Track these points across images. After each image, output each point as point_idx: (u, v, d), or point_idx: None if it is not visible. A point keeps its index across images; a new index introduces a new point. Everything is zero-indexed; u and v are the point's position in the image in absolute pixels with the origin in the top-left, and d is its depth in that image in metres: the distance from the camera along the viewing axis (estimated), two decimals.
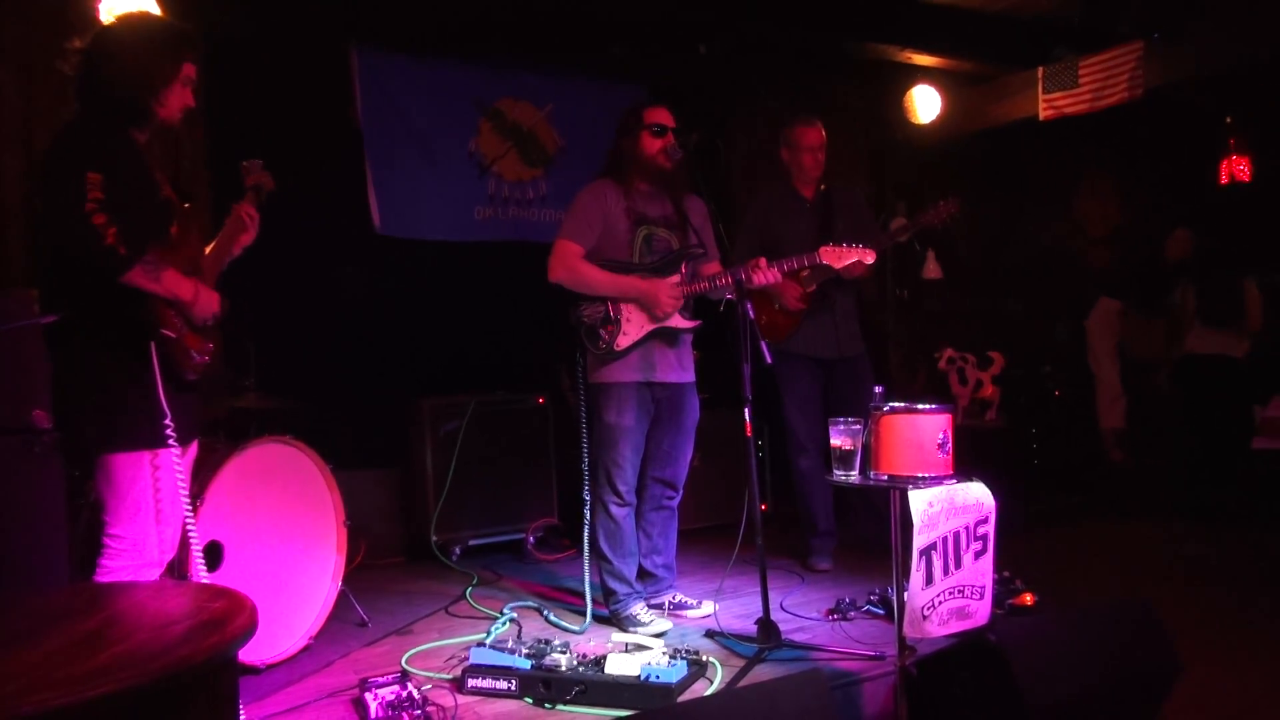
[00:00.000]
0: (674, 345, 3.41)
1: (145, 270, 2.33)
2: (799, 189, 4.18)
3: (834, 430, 2.76)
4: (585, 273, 3.30)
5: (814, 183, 4.17)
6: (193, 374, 2.50)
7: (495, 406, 4.71)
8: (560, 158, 5.37)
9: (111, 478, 2.39)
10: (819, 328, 4.12)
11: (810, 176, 4.14)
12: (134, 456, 2.39)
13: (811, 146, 4.10)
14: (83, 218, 2.21)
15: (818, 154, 4.11)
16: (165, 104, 2.47)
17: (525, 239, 5.21)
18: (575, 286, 3.32)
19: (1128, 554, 4.44)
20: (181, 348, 2.45)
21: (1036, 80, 5.45)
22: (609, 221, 3.33)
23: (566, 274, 3.31)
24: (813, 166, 4.11)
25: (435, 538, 4.48)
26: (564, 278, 3.31)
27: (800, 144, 4.12)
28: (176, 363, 2.44)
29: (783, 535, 4.74)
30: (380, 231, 4.79)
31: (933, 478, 2.57)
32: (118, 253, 2.26)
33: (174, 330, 2.42)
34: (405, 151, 4.88)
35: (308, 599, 3.27)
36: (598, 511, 3.40)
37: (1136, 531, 4.91)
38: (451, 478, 4.51)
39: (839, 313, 4.12)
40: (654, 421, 3.43)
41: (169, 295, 2.39)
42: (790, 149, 4.16)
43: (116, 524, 2.40)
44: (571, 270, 3.30)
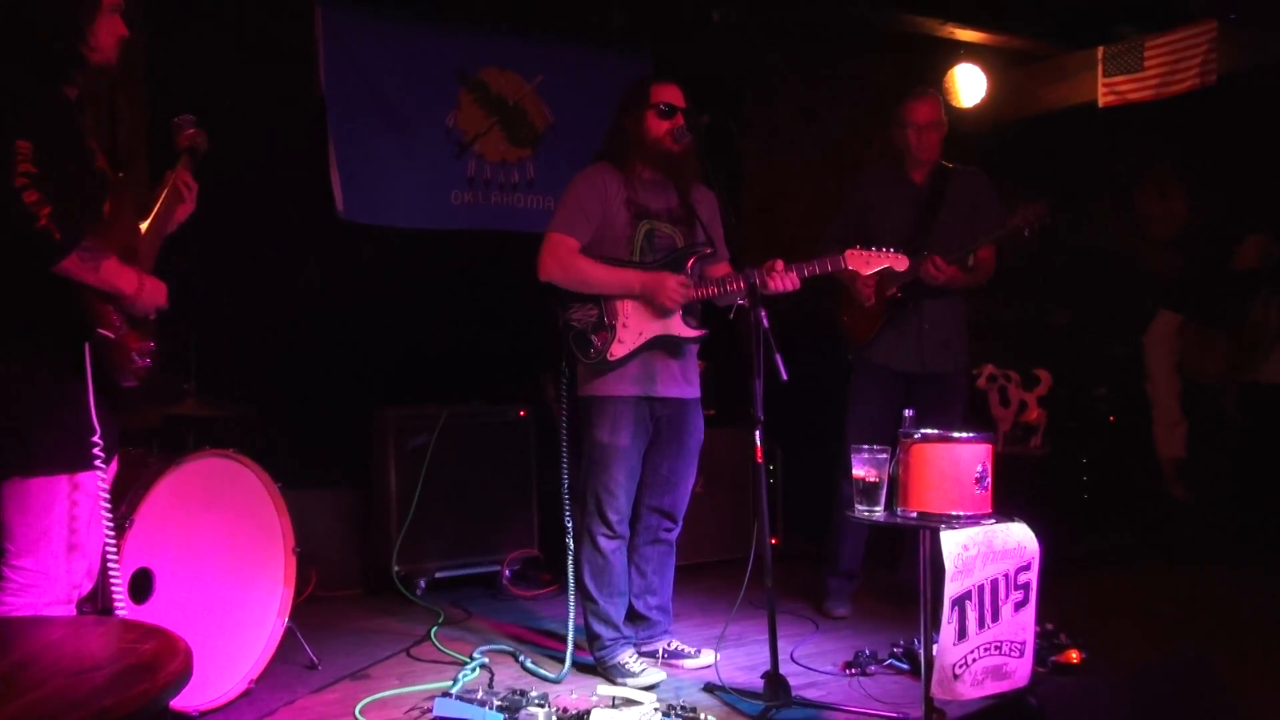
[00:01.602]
0: (677, 356, 3.40)
1: (82, 258, 2.24)
2: (908, 171, 4.19)
3: (856, 458, 2.76)
4: (582, 269, 3.29)
5: (925, 165, 4.17)
6: (132, 379, 2.44)
7: (470, 419, 4.70)
8: (550, 137, 5.37)
9: (23, 504, 2.32)
10: (900, 336, 4.11)
11: (918, 159, 4.14)
12: (50, 481, 2.33)
13: (917, 123, 4.09)
14: (12, 195, 2.14)
15: (925, 133, 4.10)
16: (95, 42, 2.37)
17: (508, 228, 5.21)
18: (571, 285, 3.30)
19: (1189, 604, 4.43)
20: (121, 349, 2.38)
21: (1096, 61, 5.46)
22: (607, 213, 3.33)
23: (560, 272, 3.29)
24: (919, 147, 4.11)
25: (397, 568, 4.47)
26: (557, 276, 3.30)
27: (906, 119, 4.11)
28: (114, 367, 2.37)
29: (796, 574, 4.73)
30: (343, 216, 4.79)
31: (969, 516, 2.57)
32: (52, 237, 2.17)
33: (113, 329, 2.35)
34: (374, 126, 4.88)
35: (249, 636, 3.25)
36: (584, 544, 3.39)
37: (1199, 578, 4.90)
38: (418, 500, 4.50)
39: (929, 320, 4.10)
40: (652, 442, 3.42)
41: (108, 288, 2.32)
42: (897, 126, 4.17)
43: (21, 554, 2.33)
44: (566, 267, 3.29)
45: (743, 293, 3.19)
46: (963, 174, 4.21)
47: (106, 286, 2.33)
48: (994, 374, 5.73)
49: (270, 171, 4.57)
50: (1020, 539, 2.62)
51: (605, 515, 3.34)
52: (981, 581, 2.54)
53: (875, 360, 4.15)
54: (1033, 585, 2.63)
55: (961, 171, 4.21)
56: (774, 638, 3.01)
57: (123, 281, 2.36)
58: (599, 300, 3.31)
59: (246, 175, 4.48)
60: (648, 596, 3.54)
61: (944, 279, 3.92)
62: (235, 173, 4.47)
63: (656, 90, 3.35)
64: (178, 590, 3.04)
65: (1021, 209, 3.87)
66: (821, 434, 4.63)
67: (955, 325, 4.18)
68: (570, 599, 3.53)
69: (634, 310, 3.32)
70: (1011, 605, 2.61)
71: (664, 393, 3.37)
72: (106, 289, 2.33)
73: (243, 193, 4.50)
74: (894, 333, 4.11)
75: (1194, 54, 5.09)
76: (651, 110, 3.34)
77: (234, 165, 4.46)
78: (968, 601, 2.52)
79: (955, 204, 4.13)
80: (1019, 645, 2.60)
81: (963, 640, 2.50)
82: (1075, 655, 3.39)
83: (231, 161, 4.47)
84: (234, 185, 4.47)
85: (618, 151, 3.39)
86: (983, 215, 4.10)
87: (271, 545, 3.34)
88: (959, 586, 2.49)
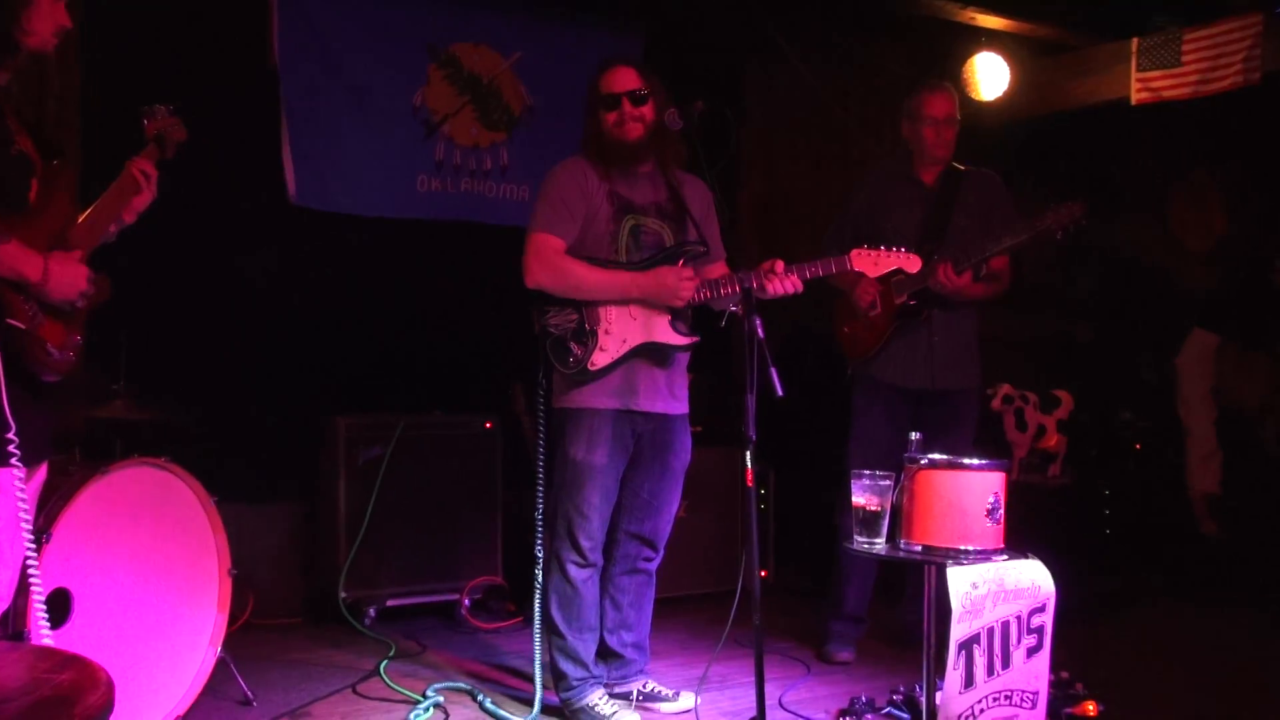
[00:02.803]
0: (664, 366, 3.40)
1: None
2: (917, 170, 4.22)
3: (856, 484, 2.76)
4: (574, 273, 3.29)
5: (937, 164, 4.20)
6: (52, 374, 2.47)
7: (430, 430, 4.70)
8: (528, 120, 5.38)
9: None
10: (908, 349, 4.12)
11: (931, 156, 4.17)
12: None
13: (934, 118, 4.11)
14: None
15: (942, 128, 4.12)
16: (31, 27, 2.43)
17: (478, 220, 5.22)
18: (561, 291, 3.30)
19: (1218, 652, 4.46)
20: (35, 341, 2.42)
21: (1129, 54, 5.50)
22: (589, 208, 3.33)
23: (549, 277, 3.29)
24: (934, 143, 4.13)
25: (345, 594, 4.45)
26: (546, 282, 3.29)
27: (921, 113, 4.13)
28: (30, 360, 2.40)
29: (787, 611, 4.73)
30: (295, 202, 4.78)
31: (979, 552, 2.58)
32: None
33: (24, 320, 2.39)
34: (332, 103, 4.87)
35: (177, 667, 3.24)
36: (552, 571, 3.39)
37: (1230, 623, 4.92)
38: (369, 519, 4.48)
39: (939, 332, 4.11)
40: (632, 461, 3.42)
41: (9, 274, 2.36)
42: (910, 120, 4.19)
43: None
44: (555, 271, 3.29)
45: (737, 297, 3.20)
46: (976, 176, 4.23)
47: (7, 273, 2.36)
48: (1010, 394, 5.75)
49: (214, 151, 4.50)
50: (1035, 578, 2.62)
51: (576, 540, 3.34)
52: (991, 624, 2.55)
53: (879, 376, 4.17)
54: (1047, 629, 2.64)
55: (975, 173, 4.24)
56: (761, 680, 3.00)
57: (25, 267, 2.39)
58: (579, 304, 3.31)
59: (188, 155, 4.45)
60: (622, 632, 3.53)
61: (951, 289, 3.93)
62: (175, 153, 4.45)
63: (602, 82, 3.38)
64: (99, 614, 3.02)
65: (1054, 208, 3.87)
66: (819, 455, 4.65)
67: (968, 339, 4.20)
68: (536, 633, 3.52)
69: (618, 315, 3.32)
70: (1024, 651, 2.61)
71: (647, 407, 3.37)
72: (8, 275, 2.37)
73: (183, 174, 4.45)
74: (901, 345, 4.12)
75: (1237, 49, 5.13)
76: (599, 106, 3.37)
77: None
78: (975, 645, 2.53)
79: (968, 207, 4.15)
80: (1031, 695, 2.61)
81: (969, 688, 2.50)
82: (1093, 708, 3.40)
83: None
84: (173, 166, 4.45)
85: (593, 146, 3.41)
86: (997, 219, 4.12)
87: (205, 565, 3.32)
88: (966, 629, 2.50)
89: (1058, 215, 3.86)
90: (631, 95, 3.32)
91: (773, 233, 6.01)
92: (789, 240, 5.86)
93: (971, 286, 4.00)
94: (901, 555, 2.69)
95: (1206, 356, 6.20)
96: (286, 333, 4.76)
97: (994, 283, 4.12)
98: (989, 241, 3.98)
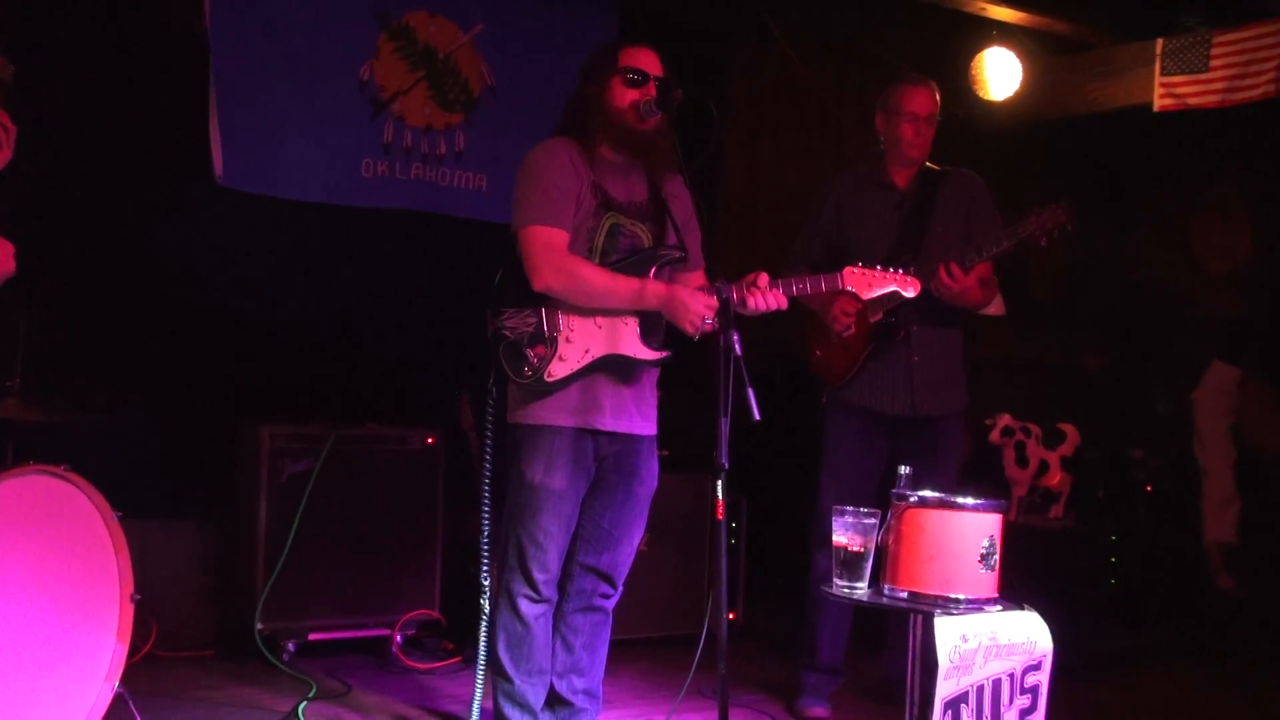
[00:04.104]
0: (630, 382, 3.40)
1: None
2: (889, 172, 4.24)
3: (838, 522, 2.77)
4: (585, 276, 3.25)
5: (912, 166, 4.23)
6: None
7: (365, 444, 4.68)
8: (488, 101, 5.36)
9: None
10: (886, 371, 4.14)
11: (908, 156, 4.19)
12: None
13: (914, 114, 4.13)
14: None
15: (922, 127, 4.15)
16: None
17: (428, 210, 5.19)
18: (572, 296, 3.26)
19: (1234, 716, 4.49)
20: None
21: (1153, 56, 5.55)
22: (580, 196, 3.32)
23: (560, 278, 3.24)
24: (913, 143, 4.15)
25: (261, 625, 4.41)
26: (557, 284, 3.24)
27: (900, 107, 4.15)
28: None
29: (756, 658, 4.73)
30: (221, 183, 4.73)
31: (970, 601, 2.58)
32: None
33: None
34: (267, 73, 4.83)
35: (68, 702, 3.19)
36: (501, 606, 3.37)
37: (1247, 686, 4.96)
38: (293, 541, 4.45)
39: (919, 352, 4.13)
40: (593, 486, 3.41)
41: None
42: (886, 114, 4.21)
43: None
44: (566, 272, 3.24)
45: (714, 311, 3.20)
46: (954, 177, 4.27)
47: None
48: (1010, 426, 5.78)
49: (132, 123, 4.52)
50: (1031, 632, 2.63)
51: (529, 573, 3.32)
52: (981, 681, 2.55)
53: (854, 401, 4.19)
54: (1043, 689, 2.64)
55: (952, 174, 4.27)
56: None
57: None
58: (539, 306, 3.30)
59: (100, 126, 4.42)
60: (573, 676, 3.51)
61: (959, 289, 3.92)
62: (85, 122, 4.41)
63: (626, 54, 3.37)
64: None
65: (1036, 213, 3.90)
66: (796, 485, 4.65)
67: (951, 359, 4.23)
68: (479, 674, 3.49)
69: (580, 322, 3.30)
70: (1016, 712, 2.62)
71: (612, 426, 3.36)
72: None
73: (93, 148, 4.44)
74: (878, 367, 4.14)
75: (1270, 56, 5.19)
76: (618, 77, 3.35)
77: (84, 113, 4.41)
78: (963, 705, 2.53)
79: (947, 212, 4.18)
80: None
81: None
82: None
83: (80, 108, 4.42)
84: (83, 138, 4.42)
85: (580, 124, 3.39)
86: (978, 224, 4.16)
87: (104, 589, 3.28)
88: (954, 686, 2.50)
89: (1040, 220, 3.89)
90: (660, 82, 3.32)
91: (752, 238, 6.02)
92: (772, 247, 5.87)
93: (975, 289, 4.01)
94: (885, 602, 2.69)
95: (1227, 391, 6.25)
96: (207, 329, 4.72)
97: (988, 288, 4.15)
98: (969, 250, 4.00)
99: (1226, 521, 6.16)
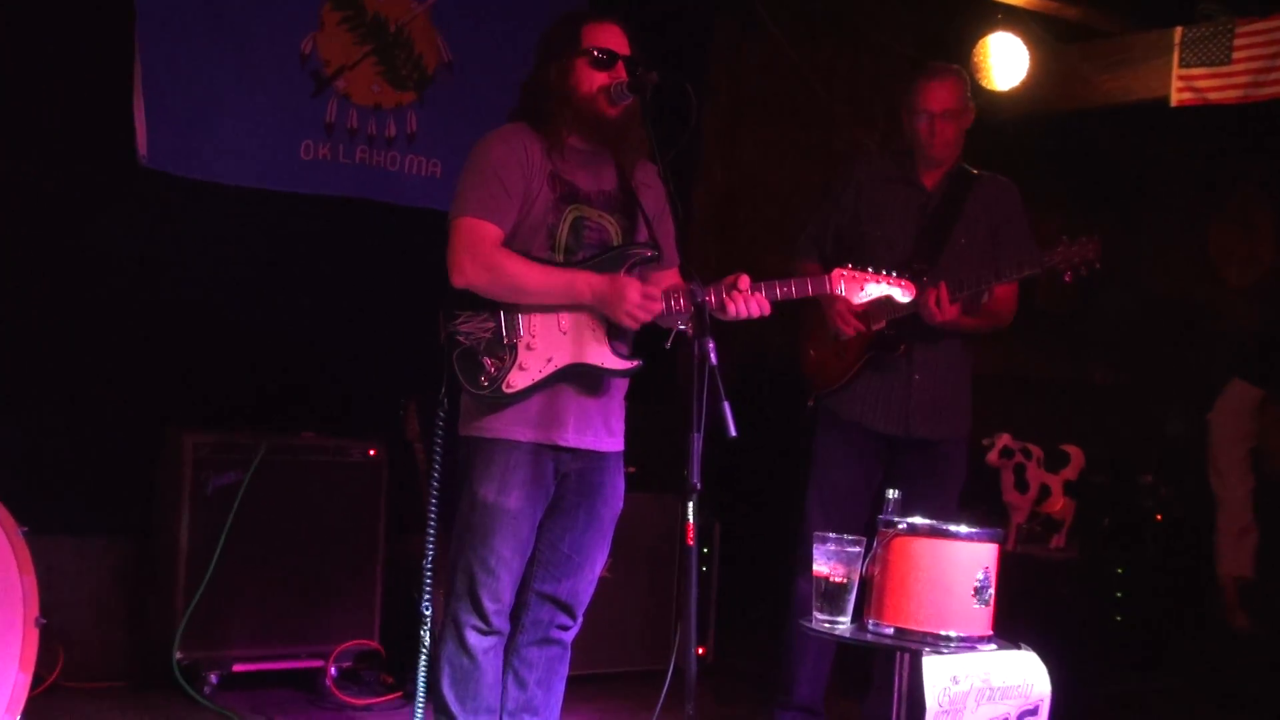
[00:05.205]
0: (596, 393, 3.39)
1: None
2: (918, 171, 4.26)
3: (820, 550, 2.77)
4: (514, 272, 3.24)
5: (940, 167, 4.24)
6: None
7: (300, 455, 4.67)
8: (444, 79, 5.36)
9: None
10: (883, 387, 4.16)
11: (931, 157, 4.21)
12: None
13: (929, 111, 4.15)
14: None
15: (940, 124, 4.15)
16: None
17: (376, 198, 5.19)
18: (499, 293, 3.25)
19: None
20: None
21: (1171, 46, 5.59)
22: (529, 192, 3.31)
23: (484, 274, 3.23)
24: (930, 142, 4.17)
25: (180, 654, 4.39)
26: (481, 281, 3.24)
27: (917, 104, 4.18)
28: None
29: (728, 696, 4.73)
30: (145, 164, 4.72)
31: (962, 640, 2.59)
32: None
33: None
34: (199, 45, 4.81)
35: None
36: (447, 638, 3.35)
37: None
38: (218, 562, 4.43)
39: (921, 370, 4.15)
40: (553, 506, 3.40)
41: None
42: (906, 111, 4.24)
43: None
44: (492, 268, 3.23)
45: (688, 315, 3.19)
46: (988, 183, 4.28)
47: None
48: (1010, 447, 5.81)
49: (45, 98, 4.50)
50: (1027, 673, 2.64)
51: (479, 602, 3.30)
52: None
53: (844, 413, 4.21)
54: None
55: (988, 180, 4.29)
56: None
57: None
58: (499, 310, 3.28)
59: (7, 100, 4.38)
60: (525, 716, 3.49)
61: (942, 320, 3.95)
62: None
63: (591, 31, 3.36)
64: None
65: (1064, 245, 3.92)
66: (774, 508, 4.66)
67: (956, 382, 4.24)
68: (418, 711, 3.48)
69: (544, 329, 3.29)
70: None
71: (575, 442, 3.34)
72: None
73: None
74: (875, 380, 4.16)
75: None
76: (583, 58, 3.34)
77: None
78: None
79: (972, 221, 4.20)
80: None
81: None
82: None
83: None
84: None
85: (538, 110, 3.38)
86: (1005, 241, 4.18)
87: (5, 612, 3.25)
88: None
89: (1068, 253, 3.91)
90: (629, 62, 3.31)
91: (732, 235, 6.03)
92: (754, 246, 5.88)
93: (963, 320, 4.03)
94: (869, 639, 2.69)
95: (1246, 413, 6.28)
96: (125, 326, 4.70)
97: (992, 316, 4.16)
98: (987, 272, 4.02)
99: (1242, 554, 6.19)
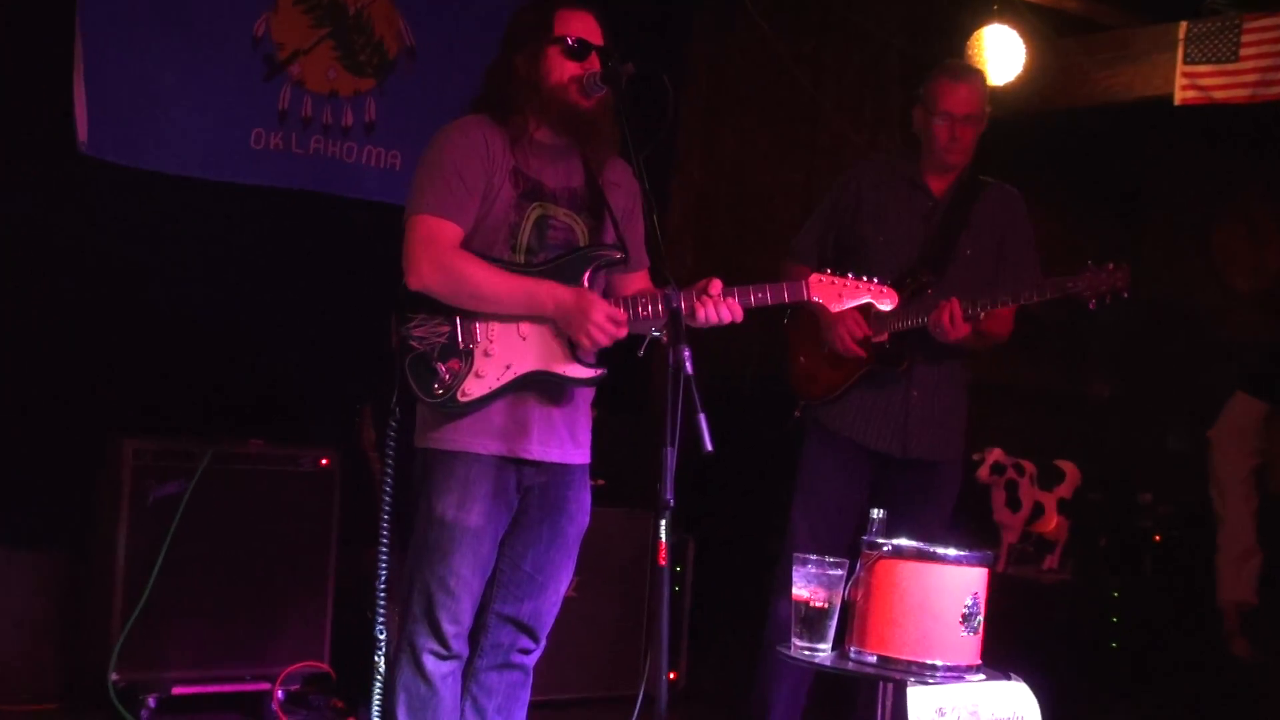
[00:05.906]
0: (560, 403, 3.38)
1: None
2: (925, 174, 4.28)
3: (799, 572, 2.76)
4: (471, 276, 3.23)
5: (951, 172, 4.26)
6: None
7: (247, 464, 4.67)
8: (405, 66, 5.36)
9: None
10: (878, 403, 4.17)
11: (943, 160, 4.22)
12: None
13: (949, 113, 4.16)
14: None
15: (960, 128, 4.17)
16: None
17: (331, 191, 5.19)
18: (456, 298, 3.24)
19: None
20: None
21: (1175, 42, 5.61)
22: (490, 188, 3.31)
23: (440, 277, 3.22)
24: (949, 147, 4.18)
25: (116, 676, 4.37)
26: (436, 284, 3.22)
27: (934, 104, 4.19)
28: None
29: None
30: (85, 151, 4.71)
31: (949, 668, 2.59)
32: None
33: None
34: (143, 27, 4.81)
35: None
36: (403, 662, 3.34)
37: None
38: (157, 577, 4.41)
39: (919, 387, 4.17)
40: (515, 523, 3.40)
41: None
42: (923, 110, 4.25)
43: None
44: (450, 271, 3.22)
45: (660, 321, 3.19)
46: (994, 192, 4.31)
47: None
48: (1001, 463, 5.82)
49: None
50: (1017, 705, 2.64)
51: (437, 624, 3.29)
52: None
53: (835, 426, 4.22)
54: None
55: (994, 189, 4.31)
56: None
57: None
58: (453, 314, 3.27)
59: None
60: None
61: (955, 338, 3.96)
62: None
63: (564, 18, 3.35)
64: None
65: (1091, 271, 3.94)
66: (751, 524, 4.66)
67: (954, 403, 4.27)
68: None
69: (502, 333, 3.28)
70: None
71: (539, 454, 3.34)
72: None
73: None
74: (869, 396, 4.17)
75: None
76: (554, 46, 3.34)
77: None
78: None
79: (979, 231, 4.22)
80: None
81: None
82: None
83: None
84: None
85: (502, 100, 3.38)
86: (1008, 254, 4.21)
87: None
88: None
89: (1095, 280, 3.93)
90: (602, 52, 3.30)
91: (710, 237, 6.04)
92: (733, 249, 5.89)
93: (971, 339, 4.05)
94: (850, 667, 2.69)
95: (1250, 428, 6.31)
96: (62, 325, 4.69)
97: (992, 336, 4.19)
98: (1003, 293, 4.04)
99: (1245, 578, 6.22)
